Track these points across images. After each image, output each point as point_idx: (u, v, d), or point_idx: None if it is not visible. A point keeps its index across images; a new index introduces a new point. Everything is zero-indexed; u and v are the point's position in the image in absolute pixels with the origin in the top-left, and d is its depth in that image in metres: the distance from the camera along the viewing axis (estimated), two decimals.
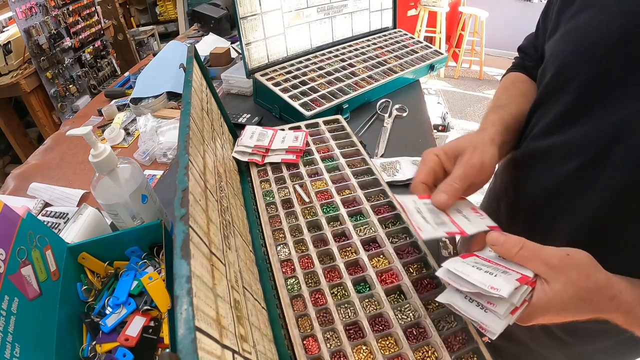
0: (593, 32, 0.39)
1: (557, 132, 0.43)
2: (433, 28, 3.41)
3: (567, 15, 0.44)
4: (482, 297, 0.34)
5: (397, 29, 1.23)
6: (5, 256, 0.37)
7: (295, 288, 0.47)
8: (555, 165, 0.43)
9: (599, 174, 0.39)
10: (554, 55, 0.44)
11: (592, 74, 0.39)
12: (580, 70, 0.40)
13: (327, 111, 0.83)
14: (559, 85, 0.43)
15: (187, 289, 0.23)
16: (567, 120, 0.42)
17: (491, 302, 0.34)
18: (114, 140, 0.95)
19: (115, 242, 0.50)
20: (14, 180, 0.87)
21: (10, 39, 2.00)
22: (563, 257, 0.33)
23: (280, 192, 0.61)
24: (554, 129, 0.44)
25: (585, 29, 0.40)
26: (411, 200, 0.43)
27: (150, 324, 0.43)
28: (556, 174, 0.43)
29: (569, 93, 0.42)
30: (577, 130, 0.41)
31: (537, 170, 0.47)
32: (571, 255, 0.33)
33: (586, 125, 0.40)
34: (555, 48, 0.44)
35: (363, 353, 0.40)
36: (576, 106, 0.41)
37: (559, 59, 0.43)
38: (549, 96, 0.45)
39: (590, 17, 0.40)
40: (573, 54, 0.41)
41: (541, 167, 0.46)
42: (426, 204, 0.42)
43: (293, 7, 0.95)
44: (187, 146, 0.36)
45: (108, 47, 2.61)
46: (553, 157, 0.44)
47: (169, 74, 1.11)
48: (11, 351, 0.34)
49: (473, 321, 0.35)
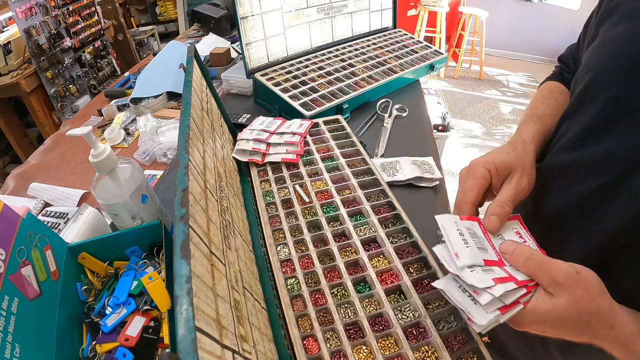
0: (628, 45, 0.37)
1: (580, 148, 0.41)
2: (433, 28, 3.41)
3: (606, 26, 0.42)
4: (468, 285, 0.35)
5: (397, 29, 1.23)
6: (5, 256, 0.37)
7: (295, 288, 0.47)
8: (575, 182, 0.42)
9: (619, 197, 0.37)
10: (586, 66, 0.42)
11: (621, 88, 0.37)
12: (609, 84, 0.38)
13: (327, 111, 0.83)
14: (588, 98, 0.41)
15: (187, 289, 0.23)
16: (592, 136, 0.40)
17: (476, 292, 0.34)
18: (114, 140, 0.95)
19: (115, 242, 0.50)
20: (14, 180, 0.87)
21: (10, 39, 2.00)
22: (571, 274, 0.32)
23: (280, 192, 0.61)
24: (577, 143, 0.42)
25: (621, 41, 0.38)
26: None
27: (150, 324, 0.43)
28: (574, 191, 0.42)
29: (596, 107, 0.39)
30: (600, 147, 0.39)
31: (556, 185, 0.45)
32: (580, 274, 0.33)
33: (610, 143, 0.38)
34: (589, 59, 0.43)
35: (363, 353, 0.40)
36: (602, 121, 0.39)
37: (591, 70, 0.41)
38: (577, 109, 0.43)
39: (628, 29, 0.38)
40: (605, 67, 0.39)
41: (561, 183, 0.44)
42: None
43: (293, 7, 0.95)
44: (187, 146, 0.36)
45: (108, 47, 2.61)
46: (574, 173, 0.42)
47: (169, 74, 1.11)
48: (11, 351, 0.34)
49: (461, 310, 0.35)
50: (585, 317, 0.32)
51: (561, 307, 0.32)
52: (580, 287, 0.32)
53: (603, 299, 0.33)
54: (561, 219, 0.44)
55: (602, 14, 0.43)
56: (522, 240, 0.40)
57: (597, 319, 0.32)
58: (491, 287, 0.33)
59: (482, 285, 0.33)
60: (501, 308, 0.33)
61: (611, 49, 0.39)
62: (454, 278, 0.37)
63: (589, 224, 0.41)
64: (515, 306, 0.33)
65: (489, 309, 0.33)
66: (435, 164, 0.73)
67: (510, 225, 0.41)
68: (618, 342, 0.33)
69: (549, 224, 0.46)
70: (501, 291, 0.33)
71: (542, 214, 0.47)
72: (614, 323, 0.33)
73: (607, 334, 0.33)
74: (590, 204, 0.40)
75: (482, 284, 0.33)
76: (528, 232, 0.41)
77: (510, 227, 0.41)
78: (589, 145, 0.40)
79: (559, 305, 0.32)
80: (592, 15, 0.48)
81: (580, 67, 0.45)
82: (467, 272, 0.35)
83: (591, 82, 0.41)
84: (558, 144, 0.46)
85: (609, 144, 0.38)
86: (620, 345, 0.33)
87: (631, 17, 0.38)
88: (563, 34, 3.62)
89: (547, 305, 0.32)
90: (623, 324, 0.33)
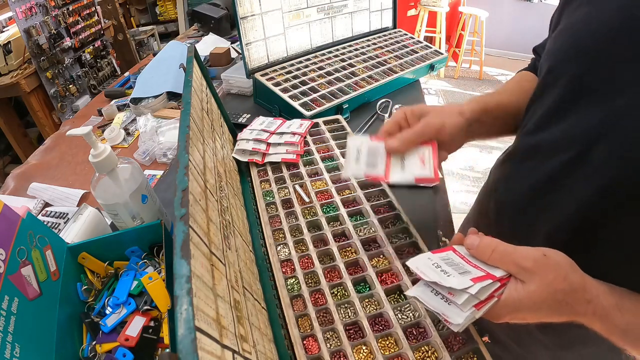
0: (586, 28, 0.39)
1: (545, 129, 0.43)
2: (433, 28, 3.41)
3: (568, 12, 0.43)
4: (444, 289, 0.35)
5: (397, 29, 1.23)
6: (5, 256, 0.37)
7: (295, 288, 0.47)
8: (540, 162, 0.43)
9: (581, 172, 0.38)
10: (548, 52, 0.44)
11: (581, 69, 0.38)
12: (570, 66, 0.40)
13: (327, 111, 0.83)
14: (550, 82, 0.43)
15: (187, 289, 0.23)
16: (554, 117, 0.42)
17: (451, 293, 0.34)
18: (114, 140, 0.95)
19: (115, 242, 0.50)
20: (14, 180, 0.87)
21: (10, 39, 2.00)
22: (538, 258, 0.33)
23: (280, 192, 0.61)
24: (542, 125, 0.44)
25: (579, 25, 0.40)
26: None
27: (150, 324, 0.43)
28: (541, 171, 0.43)
29: (557, 90, 0.41)
30: (563, 127, 0.40)
31: (524, 167, 0.47)
32: (548, 256, 0.33)
33: (571, 122, 0.39)
34: (551, 45, 0.44)
35: (363, 353, 0.40)
36: (563, 103, 0.41)
37: (552, 56, 0.43)
38: (540, 93, 0.45)
39: (587, 12, 0.39)
40: (565, 51, 0.41)
41: (529, 164, 0.46)
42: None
43: (293, 7, 0.95)
44: (187, 146, 0.36)
45: (108, 47, 2.61)
46: (539, 153, 0.44)
47: (169, 74, 1.11)
48: (11, 351, 0.34)
49: (438, 314, 0.35)
50: (561, 297, 0.32)
51: (535, 293, 0.32)
52: (550, 269, 0.32)
53: (575, 276, 0.33)
54: (529, 200, 0.45)
55: (564, 1, 0.45)
56: (423, 165, 0.46)
57: (573, 296, 0.32)
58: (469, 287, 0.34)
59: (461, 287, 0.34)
60: (476, 304, 0.33)
61: (570, 34, 0.41)
62: (426, 284, 0.37)
63: (554, 202, 0.41)
64: (490, 300, 0.34)
65: (465, 308, 0.33)
66: None
67: (421, 150, 0.47)
68: (597, 315, 0.33)
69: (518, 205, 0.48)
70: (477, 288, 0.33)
71: (512, 196, 0.49)
72: (590, 297, 0.33)
73: (585, 308, 0.33)
74: (556, 182, 0.41)
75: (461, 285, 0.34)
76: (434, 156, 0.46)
77: (420, 151, 0.47)
78: (552, 127, 0.42)
79: (532, 291, 0.32)
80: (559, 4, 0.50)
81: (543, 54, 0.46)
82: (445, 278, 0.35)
83: (552, 66, 0.42)
84: (525, 128, 0.48)
85: (569, 124, 0.39)
86: (599, 319, 0.33)
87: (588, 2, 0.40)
88: None
89: (520, 294, 0.33)
90: (600, 296, 0.33)
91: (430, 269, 0.36)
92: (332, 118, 0.77)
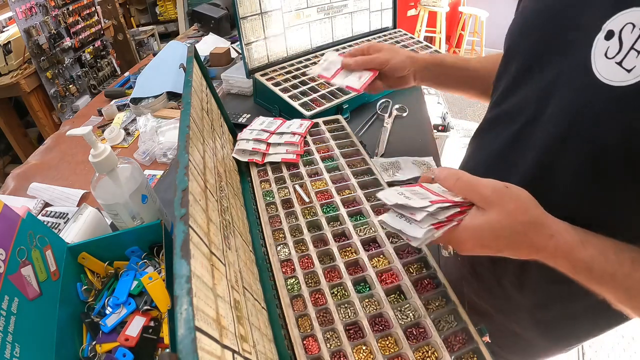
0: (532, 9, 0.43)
1: (506, 100, 0.46)
2: (433, 28, 3.41)
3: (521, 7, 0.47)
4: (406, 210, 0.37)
5: (397, 29, 1.23)
6: (5, 256, 0.37)
7: (295, 288, 0.47)
8: (501, 131, 0.46)
9: (533, 133, 0.40)
10: (507, 33, 0.48)
11: (534, 40, 0.41)
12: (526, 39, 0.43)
13: (327, 111, 0.83)
14: (508, 62, 0.47)
15: (187, 289, 0.23)
16: (512, 90, 0.45)
17: (412, 213, 0.36)
18: (114, 140, 0.95)
19: (115, 242, 0.50)
20: (14, 180, 0.87)
21: (10, 39, 2.00)
22: (500, 189, 0.34)
23: (280, 192, 0.61)
24: (502, 99, 0.47)
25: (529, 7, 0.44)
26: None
27: (150, 324, 0.43)
28: (500, 138, 0.46)
29: (513, 67, 0.45)
30: (518, 96, 0.44)
31: (489, 137, 0.50)
32: (510, 188, 0.34)
33: (525, 92, 0.43)
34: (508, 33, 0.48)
35: (363, 353, 0.40)
36: (520, 74, 0.44)
37: (508, 39, 0.47)
38: (502, 72, 0.49)
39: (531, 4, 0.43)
40: (517, 31, 0.45)
41: (492, 134, 0.48)
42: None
43: (293, 7, 0.95)
44: (187, 146, 0.36)
45: (108, 47, 2.61)
46: (500, 122, 0.47)
47: (169, 74, 1.11)
48: (11, 351, 0.34)
49: (400, 232, 0.37)
50: (520, 228, 0.33)
51: (494, 220, 0.33)
52: (511, 200, 0.33)
53: (537, 210, 0.34)
54: (493, 166, 0.48)
55: None
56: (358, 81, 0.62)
57: (534, 229, 0.33)
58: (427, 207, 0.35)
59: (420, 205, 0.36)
60: (435, 225, 0.35)
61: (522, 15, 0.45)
62: (393, 210, 0.39)
63: (514, 165, 0.43)
64: (449, 222, 0.35)
65: (424, 225, 0.35)
66: (436, 164, 0.73)
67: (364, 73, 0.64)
68: (560, 250, 0.33)
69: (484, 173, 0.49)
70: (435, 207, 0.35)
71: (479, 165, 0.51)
72: (552, 232, 0.33)
73: (547, 242, 0.33)
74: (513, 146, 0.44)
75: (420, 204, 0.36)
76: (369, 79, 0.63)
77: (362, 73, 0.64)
78: (510, 98, 0.46)
79: (492, 218, 0.33)
80: None
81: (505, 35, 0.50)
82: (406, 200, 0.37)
83: (508, 48, 0.47)
84: (492, 102, 0.51)
85: (525, 93, 0.43)
86: (563, 254, 0.33)
87: None
88: None
89: (480, 220, 0.34)
90: (562, 232, 0.33)
91: (395, 196, 0.39)
92: (332, 118, 0.77)
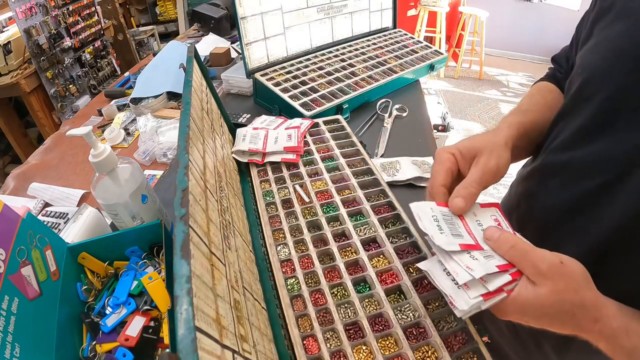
0: (624, 44, 0.37)
1: (577, 147, 0.41)
2: (433, 28, 3.41)
3: (601, 25, 0.41)
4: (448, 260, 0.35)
5: (397, 29, 1.23)
6: (5, 256, 0.37)
7: (295, 288, 0.47)
8: (571, 182, 0.41)
9: (618, 196, 0.36)
10: (581, 66, 0.42)
11: (617, 87, 0.37)
12: (606, 83, 0.38)
13: (327, 111, 0.83)
14: (584, 97, 0.41)
15: (187, 289, 0.23)
16: (588, 135, 0.40)
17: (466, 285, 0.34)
18: (114, 140, 0.95)
19: (115, 242, 0.50)
20: (14, 180, 0.87)
21: (10, 39, 2.00)
22: (554, 264, 0.32)
23: (280, 192, 0.61)
24: (573, 143, 0.42)
25: (616, 40, 0.38)
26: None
27: (150, 324, 0.43)
28: (571, 190, 0.41)
29: (592, 106, 0.39)
30: (597, 146, 0.39)
31: (552, 185, 0.45)
32: (565, 264, 0.32)
33: (607, 142, 0.38)
34: (584, 59, 0.43)
35: (363, 353, 0.40)
36: (598, 121, 0.39)
37: (586, 70, 0.41)
38: (572, 109, 0.43)
39: (624, 28, 0.37)
40: (601, 66, 0.39)
41: (557, 182, 0.44)
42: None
43: (293, 7, 0.95)
44: (187, 146, 0.36)
45: (108, 47, 2.61)
46: (570, 173, 0.42)
47: (169, 74, 1.11)
48: (11, 351, 0.34)
49: (445, 294, 0.35)
50: (568, 308, 0.32)
51: (543, 297, 0.32)
52: (564, 278, 0.32)
53: (588, 291, 0.32)
54: (557, 219, 0.44)
55: (596, 14, 0.43)
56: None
57: (582, 311, 0.32)
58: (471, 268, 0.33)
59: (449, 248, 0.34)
60: (484, 295, 0.33)
61: (607, 48, 0.39)
62: (438, 260, 0.37)
63: (586, 224, 0.40)
64: (499, 294, 0.33)
65: (472, 295, 0.33)
66: None
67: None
68: (603, 335, 0.32)
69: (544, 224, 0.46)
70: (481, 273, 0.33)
71: (536, 213, 0.47)
72: (599, 316, 0.32)
73: (592, 326, 0.32)
74: (588, 204, 0.40)
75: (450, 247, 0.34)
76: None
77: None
78: (585, 145, 0.40)
79: (541, 295, 0.32)
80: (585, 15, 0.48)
81: (575, 67, 0.45)
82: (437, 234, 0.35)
83: (586, 81, 0.41)
84: (553, 144, 0.46)
85: (607, 144, 0.38)
86: (605, 339, 0.33)
87: (627, 16, 0.38)
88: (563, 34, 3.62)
89: (530, 294, 0.32)
90: (609, 317, 0.32)
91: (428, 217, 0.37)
92: (332, 118, 0.77)
